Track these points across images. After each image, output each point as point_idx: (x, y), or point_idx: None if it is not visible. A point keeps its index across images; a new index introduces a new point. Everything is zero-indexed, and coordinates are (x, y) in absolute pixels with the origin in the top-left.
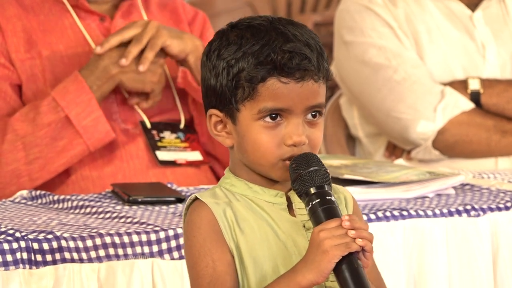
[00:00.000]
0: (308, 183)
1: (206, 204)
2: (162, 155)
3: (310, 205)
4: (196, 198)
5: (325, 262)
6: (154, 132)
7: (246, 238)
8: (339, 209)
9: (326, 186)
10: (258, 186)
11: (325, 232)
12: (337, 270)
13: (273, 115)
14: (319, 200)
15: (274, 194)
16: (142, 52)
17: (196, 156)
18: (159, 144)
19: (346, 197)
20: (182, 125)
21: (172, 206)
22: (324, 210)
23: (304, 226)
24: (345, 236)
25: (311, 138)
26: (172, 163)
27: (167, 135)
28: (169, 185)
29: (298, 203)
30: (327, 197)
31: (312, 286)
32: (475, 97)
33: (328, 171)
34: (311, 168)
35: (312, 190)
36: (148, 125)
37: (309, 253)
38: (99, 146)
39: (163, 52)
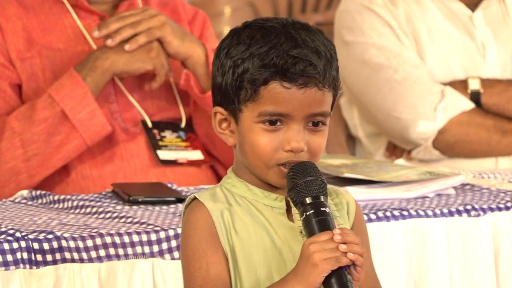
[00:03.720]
0: (304, 193)
1: (204, 205)
2: (163, 154)
3: (304, 216)
4: (195, 198)
5: (314, 275)
6: (155, 131)
7: (241, 241)
8: (333, 221)
9: (322, 196)
10: (259, 188)
11: (315, 245)
12: (326, 283)
13: (273, 121)
14: (313, 211)
15: (274, 198)
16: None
17: (197, 155)
18: (160, 143)
19: (349, 201)
20: (183, 124)
21: (172, 206)
22: (317, 222)
23: (301, 232)
24: (335, 250)
25: (311, 145)
26: (173, 163)
27: (168, 134)
28: (169, 185)
29: None
30: (322, 209)
31: None
32: (475, 97)
33: (325, 181)
34: (308, 178)
35: (308, 200)
36: (149, 124)
37: (299, 265)
38: (96, 139)
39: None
